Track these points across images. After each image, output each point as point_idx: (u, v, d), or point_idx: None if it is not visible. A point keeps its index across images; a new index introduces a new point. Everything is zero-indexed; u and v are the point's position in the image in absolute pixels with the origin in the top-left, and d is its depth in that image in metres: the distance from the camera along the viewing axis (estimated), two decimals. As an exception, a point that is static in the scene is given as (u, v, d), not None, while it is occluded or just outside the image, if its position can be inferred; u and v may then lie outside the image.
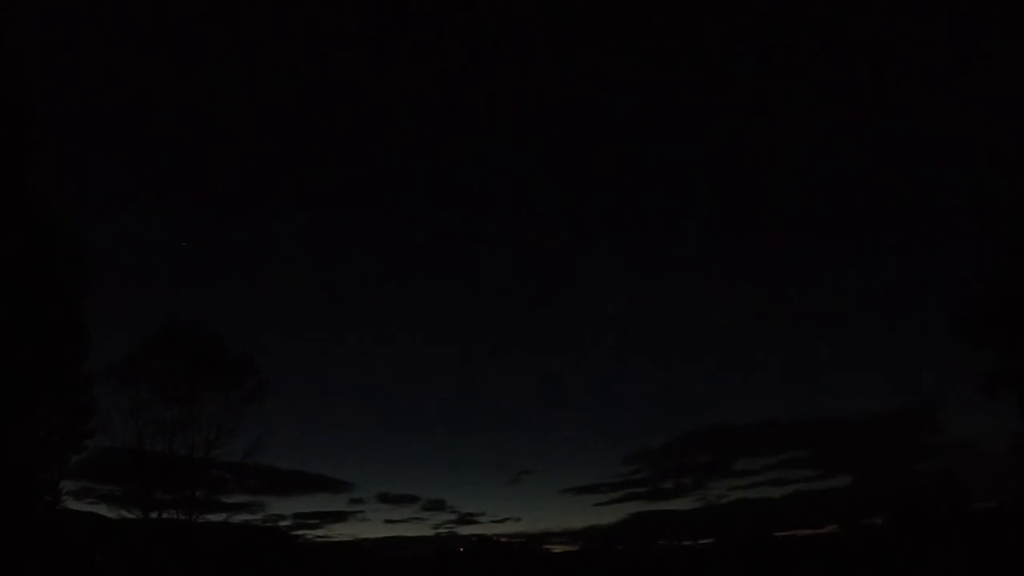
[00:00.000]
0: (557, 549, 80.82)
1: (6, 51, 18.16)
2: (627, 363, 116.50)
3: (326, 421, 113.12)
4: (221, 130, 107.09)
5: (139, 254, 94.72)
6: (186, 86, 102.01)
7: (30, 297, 17.45)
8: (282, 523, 57.42)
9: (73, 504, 25.06)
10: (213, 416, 27.64)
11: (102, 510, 28.10)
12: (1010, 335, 19.39)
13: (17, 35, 19.44)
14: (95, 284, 20.15)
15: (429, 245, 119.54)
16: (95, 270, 20.21)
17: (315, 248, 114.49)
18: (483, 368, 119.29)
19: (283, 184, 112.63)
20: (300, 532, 63.57)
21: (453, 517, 79.97)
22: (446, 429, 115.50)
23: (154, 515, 26.67)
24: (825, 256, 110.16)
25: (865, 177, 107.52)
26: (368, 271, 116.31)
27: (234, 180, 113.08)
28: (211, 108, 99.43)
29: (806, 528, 63.53)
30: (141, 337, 28.35)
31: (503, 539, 77.65)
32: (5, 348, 16.77)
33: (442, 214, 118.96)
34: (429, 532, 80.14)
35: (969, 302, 20.51)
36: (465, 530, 79.45)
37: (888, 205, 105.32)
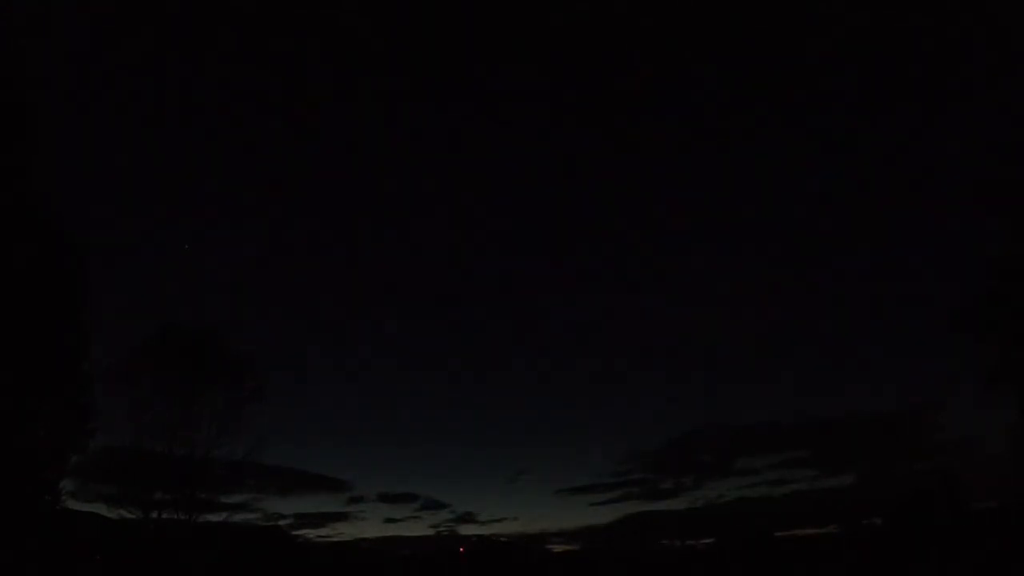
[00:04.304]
0: (558, 549, 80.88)
1: (6, 51, 18.18)
2: (626, 362, 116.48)
3: (326, 420, 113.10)
4: (224, 130, 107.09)
5: (140, 254, 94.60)
6: (189, 87, 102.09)
7: (30, 297, 17.47)
8: (282, 523, 57.48)
9: (73, 504, 25.08)
10: (213, 416, 27.75)
11: (102, 510, 28.17)
12: (1011, 327, 19.34)
13: (17, 35, 19.44)
14: (95, 284, 20.21)
15: (429, 246, 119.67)
16: (96, 270, 20.28)
17: (315, 248, 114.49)
18: (481, 367, 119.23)
19: (283, 186, 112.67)
20: (300, 532, 63.59)
21: (452, 516, 79.83)
22: (445, 428, 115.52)
23: (154, 515, 26.71)
24: (825, 254, 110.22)
25: (865, 174, 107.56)
26: (366, 271, 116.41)
27: (236, 181, 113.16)
28: (214, 108, 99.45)
29: (806, 528, 63.43)
30: (141, 337, 28.48)
31: (503, 539, 77.70)
32: (5, 348, 16.78)
33: (441, 216, 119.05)
34: (428, 531, 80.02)
35: (969, 297, 20.50)
36: (464, 529, 79.38)
37: (887, 203, 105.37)
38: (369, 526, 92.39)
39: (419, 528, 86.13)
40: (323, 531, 73.96)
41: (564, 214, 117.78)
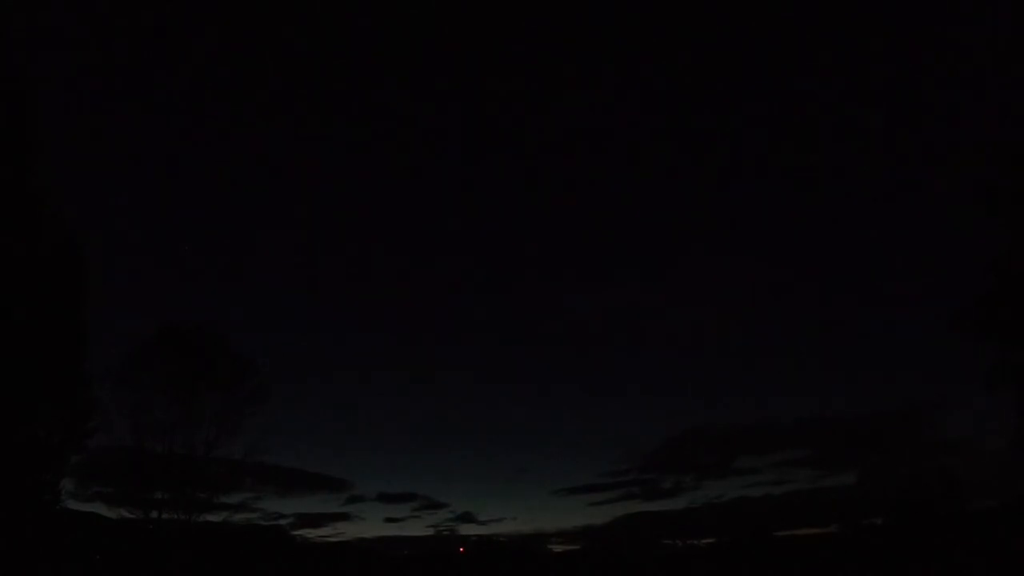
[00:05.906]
0: (557, 549, 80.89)
1: (7, 50, 18.18)
2: (626, 361, 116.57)
3: (326, 420, 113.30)
4: (224, 130, 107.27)
5: (140, 254, 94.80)
6: (189, 85, 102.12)
7: (30, 297, 17.45)
8: (282, 523, 57.49)
9: (73, 504, 25.10)
10: (213, 416, 27.74)
11: (102, 510, 28.19)
12: (1011, 327, 19.25)
13: (18, 34, 19.44)
14: (95, 284, 20.18)
15: (429, 247, 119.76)
16: (96, 270, 20.25)
17: (315, 248, 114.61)
18: (481, 368, 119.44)
19: (284, 184, 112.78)
20: (300, 532, 63.63)
21: (451, 516, 80.00)
22: (444, 428, 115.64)
23: (154, 515, 26.73)
24: (825, 254, 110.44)
25: (864, 174, 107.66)
26: (366, 271, 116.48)
27: (236, 181, 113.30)
28: (214, 107, 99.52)
29: (806, 528, 63.43)
30: (141, 337, 28.46)
31: (501, 539, 77.71)
32: (5, 348, 16.77)
33: (441, 217, 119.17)
34: (428, 531, 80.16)
35: (969, 297, 20.41)
36: (463, 529, 79.52)
37: (887, 203, 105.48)
38: (369, 526, 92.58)
39: (419, 528, 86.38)
40: (323, 531, 74.21)
41: (564, 216, 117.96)
